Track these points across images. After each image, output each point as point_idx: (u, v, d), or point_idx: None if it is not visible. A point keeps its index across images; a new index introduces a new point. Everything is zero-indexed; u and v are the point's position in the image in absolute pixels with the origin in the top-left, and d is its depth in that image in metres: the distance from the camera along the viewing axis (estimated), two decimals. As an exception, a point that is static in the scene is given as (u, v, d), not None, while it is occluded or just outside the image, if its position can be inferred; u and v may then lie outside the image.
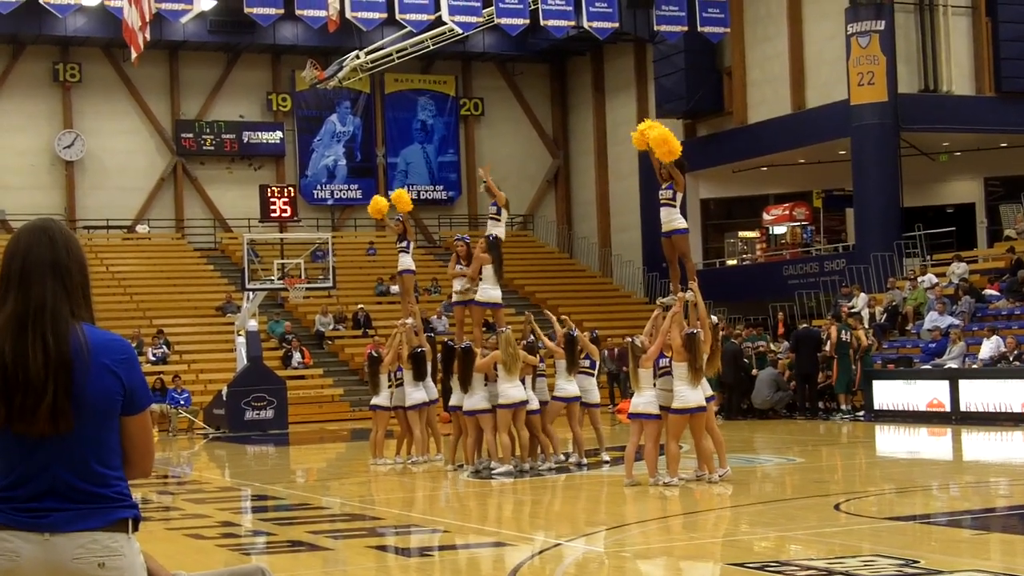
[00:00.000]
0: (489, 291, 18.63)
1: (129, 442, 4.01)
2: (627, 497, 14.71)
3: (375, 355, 20.17)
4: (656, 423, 15.30)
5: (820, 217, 40.01)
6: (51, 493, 3.87)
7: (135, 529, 3.97)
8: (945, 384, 25.08)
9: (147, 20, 29.83)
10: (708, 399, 15.65)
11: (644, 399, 15.18)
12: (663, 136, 15.75)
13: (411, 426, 19.49)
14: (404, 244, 20.75)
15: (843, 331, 27.21)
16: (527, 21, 34.03)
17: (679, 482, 15.14)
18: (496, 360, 17.28)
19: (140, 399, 4.00)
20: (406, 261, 20.76)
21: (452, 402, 18.40)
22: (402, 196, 21.22)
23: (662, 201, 16.74)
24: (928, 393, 25.49)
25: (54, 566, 3.84)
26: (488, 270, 18.59)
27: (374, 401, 19.97)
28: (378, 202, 21.99)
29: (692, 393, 14.93)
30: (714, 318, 16.56)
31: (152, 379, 28.90)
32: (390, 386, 19.68)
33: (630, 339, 15.71)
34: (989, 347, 25.68)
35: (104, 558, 3.86)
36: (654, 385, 15.21)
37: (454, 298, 19.36)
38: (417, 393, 19.26)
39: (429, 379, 19.49)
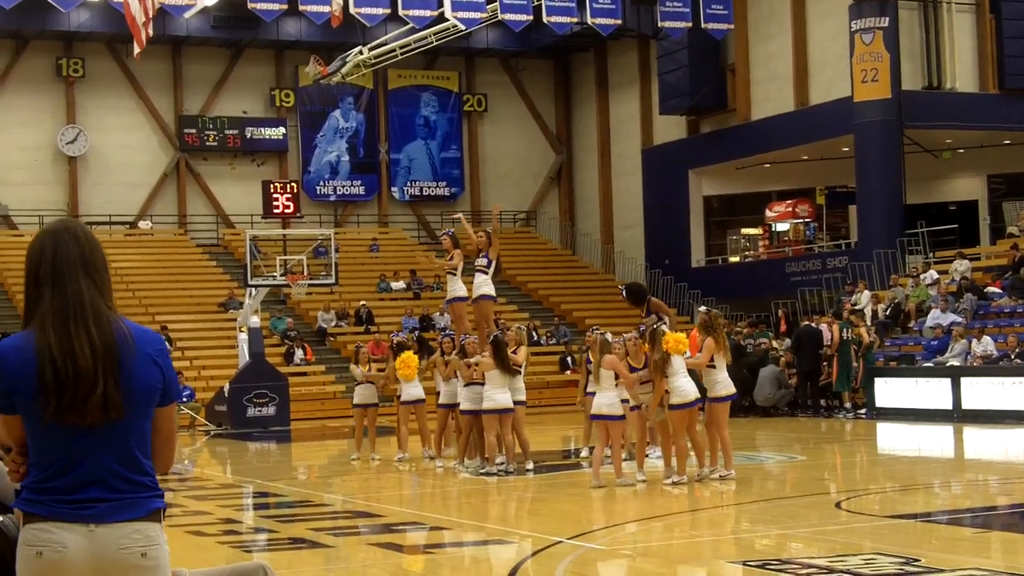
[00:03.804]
0: (491, 285, 18.61)
1: (158, 433, 4.07)
2: (629, 495, 14.72)
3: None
4: (621, 424, 15.37)
5: (823, 214, 39.98)
6: (95, 482, 3.93)
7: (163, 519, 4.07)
8: (947, 382, 25.05)
9: (151, 15, 29.80)
10: (729, 397, 15.70)
11: (607, 399, 15.14)
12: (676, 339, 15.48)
13: (400, 421, 19.86)
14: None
15: (844, 329, 27.23)
16: (530, 17, 33.98)
17: (685, 479, 15.15)
18: (526, 356, 17.44)
19: (173, 390, 4.09)
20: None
21: (444, 399, 18.66)
22: (407, 365, 19.78)
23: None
24: (930, 391, 25.47)
25: (100, 556, 3.90)
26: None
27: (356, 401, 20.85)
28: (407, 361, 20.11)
29: (690, 385, 14.97)
30: (717, 311, 16.56)
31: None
32: (361, 382, 20.58)
33: (595, 329, 15.73)
34: (980, 348, 25.69)
35: (145, 548, 3.94)
36: (615, 385, 15.20)
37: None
38: (414, 389, 19.53)
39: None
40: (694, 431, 15.31)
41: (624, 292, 16.99)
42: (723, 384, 15.53)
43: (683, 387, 14.91)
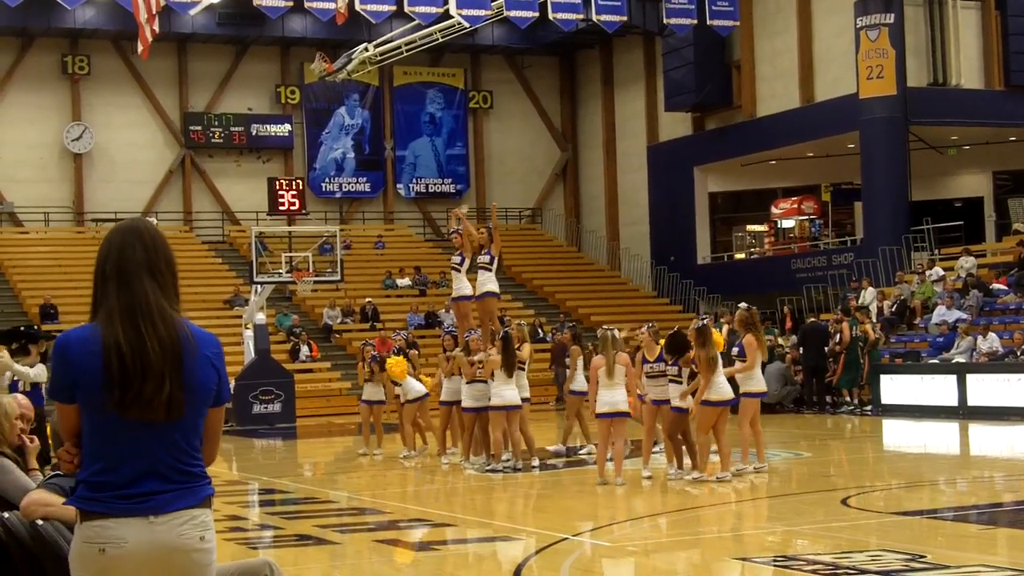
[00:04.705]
0: (496, 282, 18.59)
1: (207, 431, 4.19)
2: (635, 492, 14.72)
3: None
4: (625, 421, 15.34)
5: (828, 211, 39.98)
6: (151, 474, 4.03)
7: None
8: (952, 378, 25.04)
9: (155, 12, 29.82)
10: (761, 394, 15.77)
11: (615, 396, 15.09)
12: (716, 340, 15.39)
13: (404, 419, 19.87)
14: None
15: (852, 326, 27.24)
16: (536, 14, 33.95)
17: (706, 476, 15.14)
18: (530, 353, 17.45)
19: (225, 391, 4.24)
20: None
21: (445, 396, 18.71)
22: (398, 364, 19.94)
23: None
24: (936, 387, 25.46)
25: (161, 546, 4.00)
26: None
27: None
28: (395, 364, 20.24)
29: (726, 385, 15.03)
30: (748, 306, 16.50)
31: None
32: (368, 380, 20.61)
33: (568, 325, 15.73)
34: (986, 344, 25.67)
35: (202, 532, 4.07)
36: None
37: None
38: (418, 386, 19.63)
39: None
40: (721, 431, 15.29)
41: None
42: (757, 380, 15.70)
43: (722, 385, 14.96)
